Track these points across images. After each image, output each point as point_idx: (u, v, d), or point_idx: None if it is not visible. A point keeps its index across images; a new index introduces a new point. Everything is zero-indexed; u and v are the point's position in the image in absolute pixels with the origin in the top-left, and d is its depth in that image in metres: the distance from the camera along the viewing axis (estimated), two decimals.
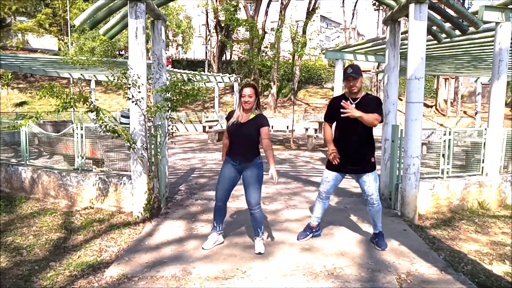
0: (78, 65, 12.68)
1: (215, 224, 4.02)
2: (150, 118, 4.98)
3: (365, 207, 5.47)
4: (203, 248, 3.91)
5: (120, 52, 32.06)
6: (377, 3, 26.80)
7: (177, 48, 41.41)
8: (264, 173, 3.85)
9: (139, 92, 4.80)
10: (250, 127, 3.74)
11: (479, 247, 4.13)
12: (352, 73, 3.79)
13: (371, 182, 3.93)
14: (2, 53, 16.26)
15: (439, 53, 9.52)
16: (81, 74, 16.99)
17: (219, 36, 29.70)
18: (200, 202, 5.74)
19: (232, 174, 3.87)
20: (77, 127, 5.71)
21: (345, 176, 4.14)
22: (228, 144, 3.92)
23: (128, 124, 5.01)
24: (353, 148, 3.89)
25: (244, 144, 3.78)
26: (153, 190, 5.04)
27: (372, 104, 3.81)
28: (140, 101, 4.79)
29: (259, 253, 3.80)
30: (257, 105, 3.80)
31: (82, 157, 5.76)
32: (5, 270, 3.51)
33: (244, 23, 15.37)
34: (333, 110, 3.91)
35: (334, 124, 4.02)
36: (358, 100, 3.86)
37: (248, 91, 3.73)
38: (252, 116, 3.78)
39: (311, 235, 4.23)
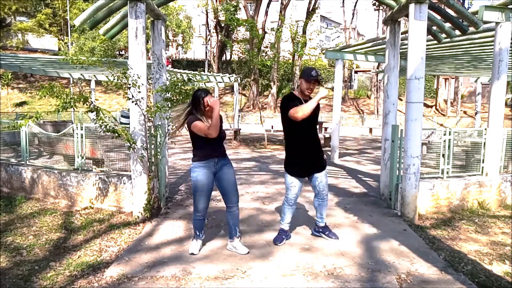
0: (78, 65, 12.66)
1: (197, 233, 3.88)
2: (150, 118, 4.98)
3: (365, 207, 5.49)
4: (193, 253, 3.80)
5: (120, 52, 32.04)
6: (377, 3, 26.80)
7: (177, 48, 41.39)
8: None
9: (139, 92, 4.80)
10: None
11: (479, 247, 4.12)
12: (319, 77, 3.77)
13: (323, 178, 4.05)
14: (2, 53, 16.24)
15: (439, 53, 9.51)
16: (81, 74, 16.96)
17: (219, 36, 29.69)
18: None
19: (211, 179, 3.73)
20: (77, 127, 5.71)
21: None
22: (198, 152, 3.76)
23: (128, 124, 5.01)
24: (314, 150, 3.93)
25: (219, 140, 3.72)
26: (153, 190, 5.04)
27: (317, 105, 3.83)
28: (140, 101, 4.80)
29: (248, 253, 3.79)
30: None
31: (82, 157, 5.75)
32: (5, 270, 3.51)
33: (244, 23, 15.36)
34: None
35: (289, 131, 3.90)
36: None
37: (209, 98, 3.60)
38: None
39: (285, 239, 4.16)
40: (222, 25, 29.95)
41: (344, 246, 4.05)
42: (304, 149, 3.89)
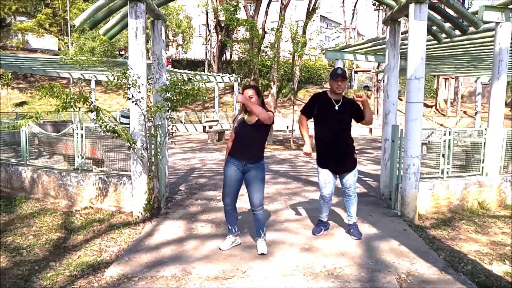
0: (78, 65, 12.68)
1: (229, 227, 3.95)
2: (150, 118, 4.98)
3: (365, 207, 5.49)
4: (220, 248, 3.88)
5: (120, 52, 32.01)
6: (377, 3, 26.80)
7: (177, 48, 41.35)
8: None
9: (139, 92, 4.80)
10: (258, 128, 3.71)
11: (479, 247, 4.12)
12: (342, 74, 4.00)
13: (351, 176, 4.16)
14: (2, 53, 16.25)
15: (439, 53, 9.51)
16: (81, 74, 16.98)
17: (219, 36, 29.69)
18: (200, 202, 5.74)
19: (238, 176, 3.80)
20: (77, 127, 5.71)
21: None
22: (231, 147, 3.85)
23: (128, 124, 5.01)
24: (343, 148, 4.07)
25: (252, 146, 3.75)
26: (153, 190, 5.04)
27: (356, 106, 4.16)
28: (140, 101, 4.80)
29: (262, 254, 3.78)
30: (262, 105, 3.74)
31: (82, 157, 5.76)
32: (5, 270, 3.51)
33: (244, 23, 15.35)
34: (317, 107, 4.07)
35: (312, 123, 4.20)
36: (341, 102, 4.06)
37: (249, 92, 3.67)
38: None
39: (323, 229, 4.40)
40: (222, 25, 29.95)
41: (344, 246, 4.05)
42: (335, 145, 4.04)
